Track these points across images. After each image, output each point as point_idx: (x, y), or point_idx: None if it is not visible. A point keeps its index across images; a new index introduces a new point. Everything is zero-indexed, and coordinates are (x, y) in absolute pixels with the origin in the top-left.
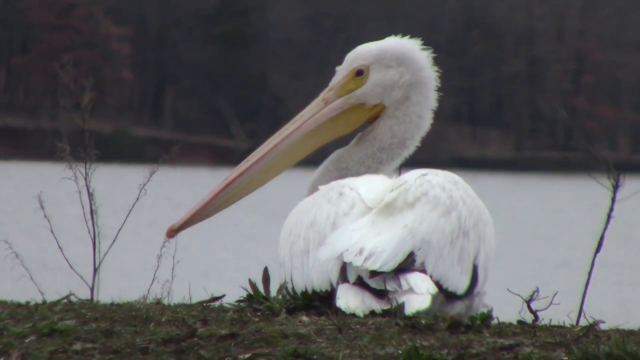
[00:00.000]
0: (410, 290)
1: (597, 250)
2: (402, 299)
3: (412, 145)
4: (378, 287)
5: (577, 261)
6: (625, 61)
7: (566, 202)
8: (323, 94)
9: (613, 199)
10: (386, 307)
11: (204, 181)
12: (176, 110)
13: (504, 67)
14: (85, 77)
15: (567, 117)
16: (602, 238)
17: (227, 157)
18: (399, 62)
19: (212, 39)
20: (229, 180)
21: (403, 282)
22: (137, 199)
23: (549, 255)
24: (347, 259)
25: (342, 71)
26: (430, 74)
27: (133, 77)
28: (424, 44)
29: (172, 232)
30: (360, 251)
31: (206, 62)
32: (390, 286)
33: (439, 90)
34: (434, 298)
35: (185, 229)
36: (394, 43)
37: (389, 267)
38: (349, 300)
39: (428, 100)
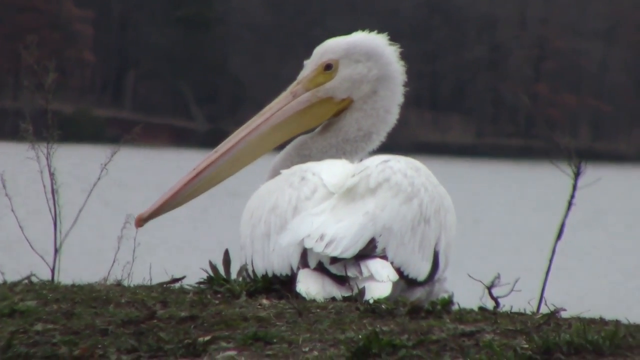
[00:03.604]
0: (371, 277)
1: (558, 237)
2: (362, 285)
3: (377, 140)
4: (339, 274)
5: (539, 248)
6: (587, 48)
7: (527, 189)
8: (291, 87)
9: (574, 187)
10: (346, 293)
11: (164, 162)
12: (137, 92)
13: (465, 53)
14: (48, 58)
15: (528, 104)
16: (563, 225)
17: (187, 138)
18: (368, 57)
19: (173, 21)
20: (198, 170)
21: (364, 269)
22: (99, 178)
23: (510, 241)
24: (308, 245)
25: (310, 65)
26: (397, 69)
27: (95, 59)
28: (386, 30)
29: (141, 221)
30: (322, 237)
31: (168, 44)
32: (351, 272)
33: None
34: (395, 285)
35: (154, 218)
36: (363, 38)
37: (350, 253)
38: (309, 285)
39: (395, 95)
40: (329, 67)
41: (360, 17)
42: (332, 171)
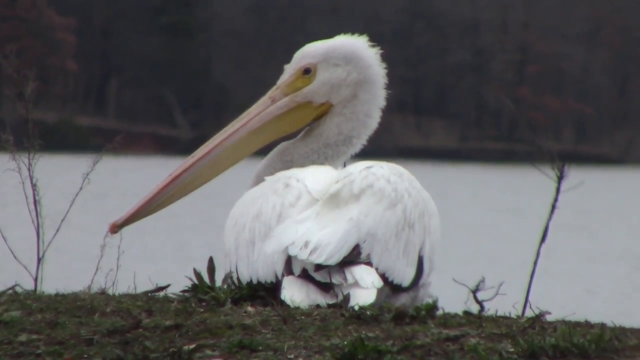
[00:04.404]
0: (356, 283)
1: (542, 240)
2: (347, 292)
3: (358, 144)
4: (323, 281)
5: (523, 252)
6: (569, 52)
7: (511, 193)
8: (270, 92)
9: (558, 190)
10: (331, 301)
11: (148, 170)
12: (120, 100)
13: (448, 57)
14: (28, 67)
15: (511, 108)
16: (546, 229)
17: (171, 146)
18: (347, 60)
19: (156, 29)
20: (173, 175)
21: (348, 276)
22: (81, 188)
23: (495, 245)
24: (292, 252)
25: (289, 69)
26: (378, 72)
27: (78, 67)
28: (368, 35)
29: (115, 228)
30: (306, 244)
31: (151, 52)
32: (336, 279)
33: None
34: (379, 291)
35: (128, 224)
36: (342, 41)
37: (334, 260)
38: (294, 293)
39: (376, 99)
40: (307, 72)
41: (342, 23)
42: (316, 177)
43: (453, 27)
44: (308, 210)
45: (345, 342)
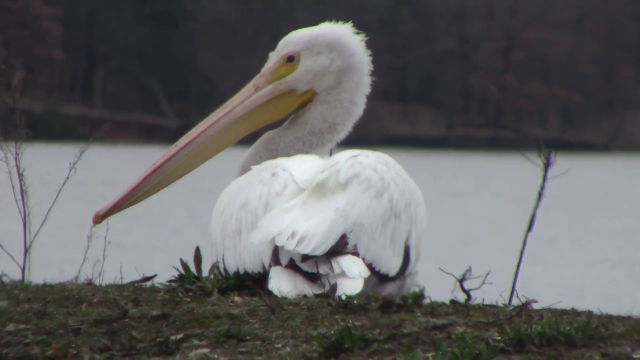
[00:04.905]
0: (343, 273)
1: (529, 228)
2: (334, 282)
3: (343, 131)
4: (310, 271)
5: (510, 240)
6: (556, 39)
7: (497, 181)
8: (254, 80)
9: (544, 177)
10: (318, 291)
11: (135, 159)
12: (106, 89)
13: (434, 45)
14: (15, 57)
15: (498, 95)
16: (533, 216)
17: (157, 135)
18: (330, 48)
19: (142, 18)
20: (157, 165)
21: (335, 266)
22: (67, 177)
23: (481, 233)
24: (279, 243)
25: (273, 57)
26: (362, 59)
27: (64, 57)
28: (354, 23)
29: (99, 218)
30: (293, 235)
31: (136, 41)
32: (323, 270)
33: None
34: (366, 281)
35: (112, 214)
36: (325, 29)
37: (321, 250)
38: (281, 283)
39: (360, 86)
40: (290, 59)
41: (328, 11)
42: (303, 167)
43: (439, 14)
44: (294, 199)
45: (333, 332)
